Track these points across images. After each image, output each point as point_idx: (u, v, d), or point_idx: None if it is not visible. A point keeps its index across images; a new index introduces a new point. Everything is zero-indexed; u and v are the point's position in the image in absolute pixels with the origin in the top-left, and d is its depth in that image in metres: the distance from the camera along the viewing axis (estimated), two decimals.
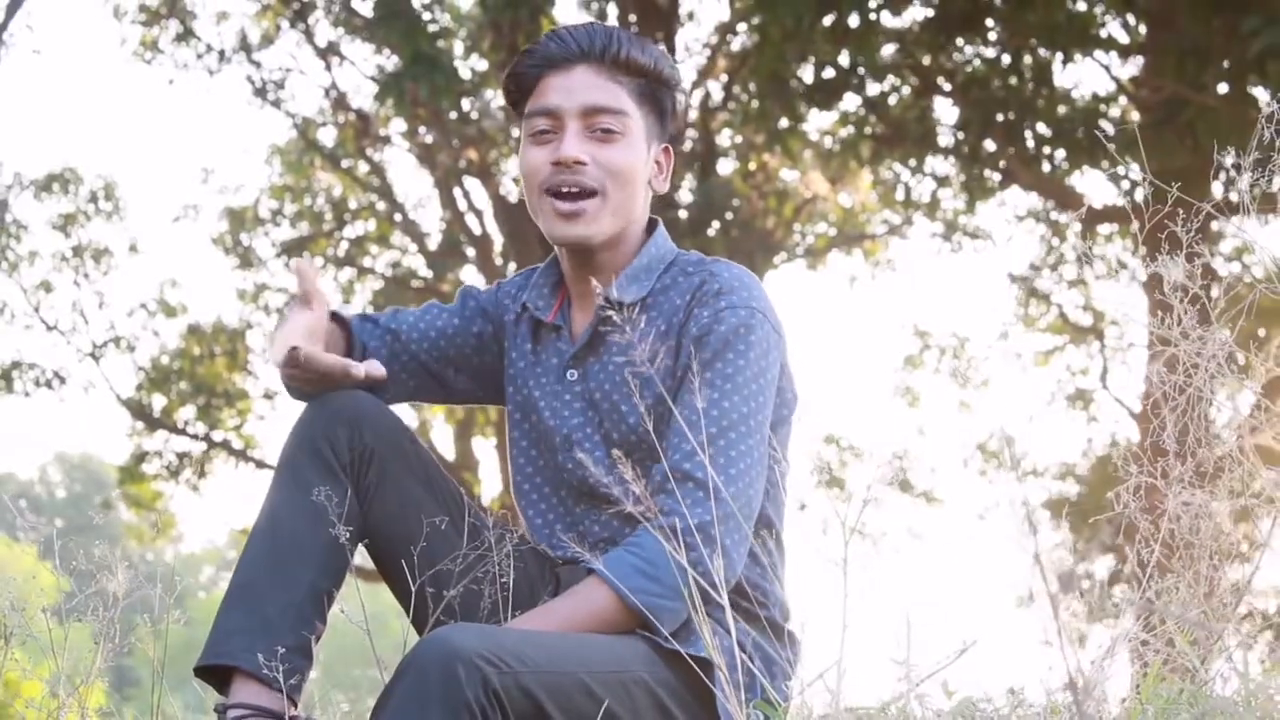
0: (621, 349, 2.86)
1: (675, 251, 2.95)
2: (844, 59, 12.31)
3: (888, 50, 12.50)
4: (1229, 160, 2.65)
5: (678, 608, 2.62)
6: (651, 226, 2.97)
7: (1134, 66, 13.33)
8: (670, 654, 2.66)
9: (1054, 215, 18.36)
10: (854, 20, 11.91)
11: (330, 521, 2.67)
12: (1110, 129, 13.02)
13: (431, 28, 13.74)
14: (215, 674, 2.70)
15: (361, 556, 2.87)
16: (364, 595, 2.87)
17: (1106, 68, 13.26)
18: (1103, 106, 13.48)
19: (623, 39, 2.89)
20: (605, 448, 2.85)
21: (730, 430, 2.71)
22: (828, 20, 11.90)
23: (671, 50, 15.75)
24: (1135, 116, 13.46)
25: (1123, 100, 13.79)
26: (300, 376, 2.84)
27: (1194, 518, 2.62)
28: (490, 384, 3.09)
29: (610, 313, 2.76)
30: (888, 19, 12.28)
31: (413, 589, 2.75)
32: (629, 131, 2.88)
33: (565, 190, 2.86)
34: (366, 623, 2.76)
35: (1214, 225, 14.19)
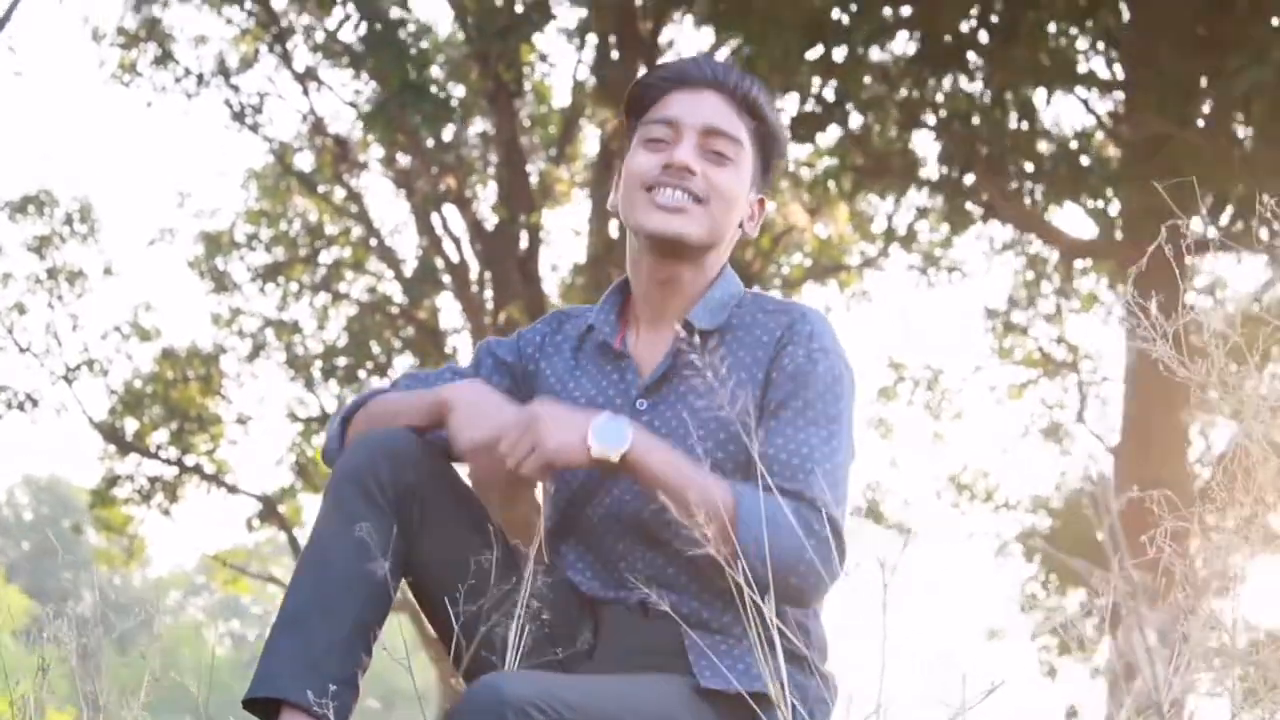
0: (701, 381, 2.83)
1: (744, 290, 2.97)
2: (829, 92, 12.34)
3: (871, 83, 12.53)
4: (1209, 200, 2.65)
5: (748, 554, 2.59)
6: (721, 268, 2.99)
7: (1113, 103, 13.38)
8: (719, 698, 2.66)
9: (1031, 249, 18.43)
10: (840, 53, 11.95)
11: (375, 556, 2.66)
12: (1091, 165, 13.08)
13: (418, 56, 13.73)
14: (263, 706, 2.69)
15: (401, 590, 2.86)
16: (395, 629, 2.86)
17: (1085, 103, 13.31)
18: (1084, 142, 13.53)
19: (754, 83, 2.94)
20: None
21: (835, 470, 2.74)
22: (814, 53, 11.93)
23: None
24: (1115, 152, 13.52)
25: (1100, 136, 13.84)
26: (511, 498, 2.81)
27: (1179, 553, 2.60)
28: None
29: (686, 344, 2.76)
30: (874, 53, 12.32)
31: (455, 627, 2.73)
32: (740, 162, 2.90)
33: (673, 194, 2.87)
34: (408, 658, 2.77)
35: (1188, 260, 14.23)
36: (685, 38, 17.21)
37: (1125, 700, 2.47)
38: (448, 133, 17.14)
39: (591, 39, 16.69)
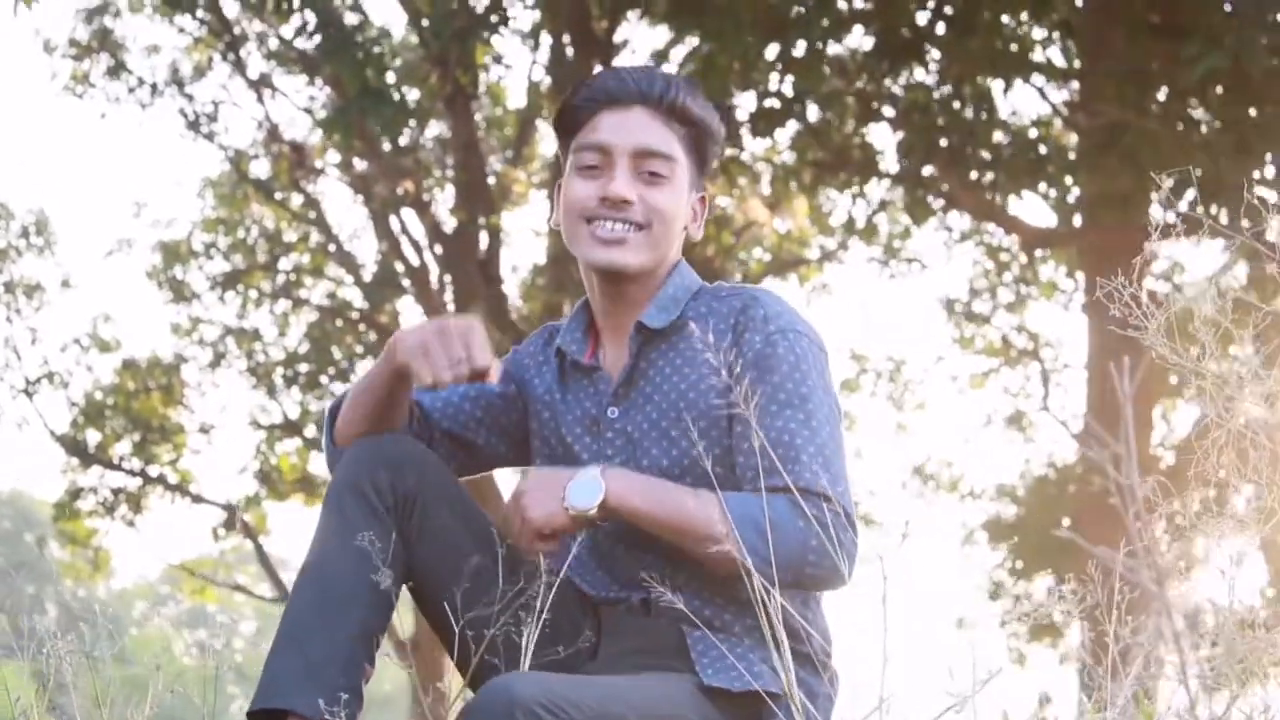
0: (665, 378, 2.89)
1: (700, 283, 3.00)
2: (787, 87, 12.35)
3: (829, 78, 12.55)
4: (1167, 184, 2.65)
5: (750, 572, 2.59)
6: (676, 264, 3.01)
7: (1070, 92, 13.43)
8: (723, 696, 2.68)
9: (990, 239, 18.47)
10: (798, 49, 11.96)
11: (375, 565, 2.68)
12: (1049, 153, 13.13)
13: (376, 60, 13.67)
14: (267, 717, 2.69)
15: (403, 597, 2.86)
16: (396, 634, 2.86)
17: (1041, 90, 13.35)
18: (1041, 131, 13.58)
19: (680, 87, 2.95)
20: None
21: (822, 448, 2.75)
22: (772, 49, 11.95)
23: None
24: (1073, 140, 13.56)
25: (1059, 125, 13.89)
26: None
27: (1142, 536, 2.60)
28: (518, 443, 3.09)
29: (638, 346, 2.86)
30: (831, 47, 12.34)
31: (456, 630, 2.75)
32: (675, 177, 2.93)
33: (612, 226, 2.90)
34: (412, 667, 2.81)
35: (1147, 246, 14.28)
36: (641, 36, 17.22)
37: (1103, 683, 2.48)
38: (405, 137, 17.09)
39: (546, 39, 16.66)
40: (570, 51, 16.18)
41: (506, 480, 17.50)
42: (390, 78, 14.34)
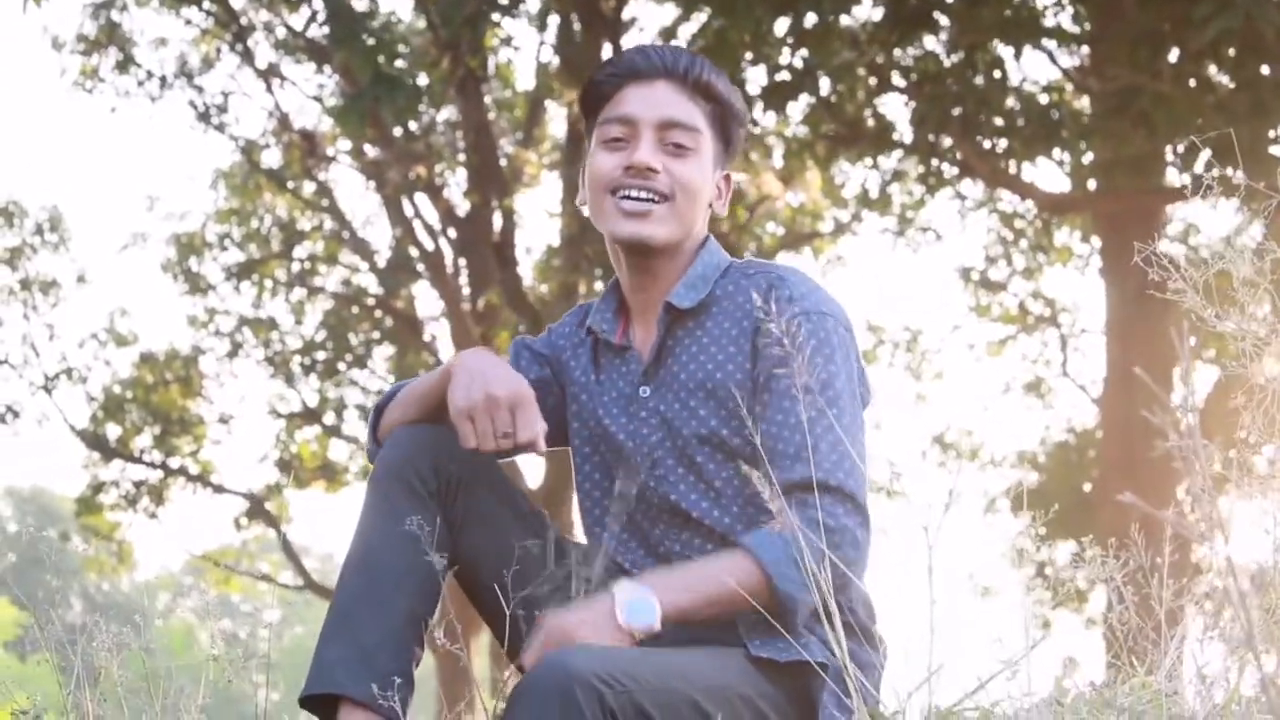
0: (691, 356, 2.89)
1: (729, 259, 2.99)
2: (798, 60, 12.31)
3: (840, 50, 12.50)
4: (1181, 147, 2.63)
5: (810, 602, 2.61)
6: (704, 240, 3.01)
7: (1081, 57, 13.37)
8: (772, 668, 2.69)
9: (1004, 206, 18.43)
10: (809, 21, 11.91)
11: (423, 549, 2.68)
12: (1062, 119, 13.06)
13: (387, 46, 13.66)
14: (321, 703, 2.72)
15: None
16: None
17: (1052, 56, 13.29)
18: (1053, 96, 13.52)
19: (704, 65, 2.95)
20: (684, 465, 2.87)
21: (838, 441, 2.75)
22: (783, 22, 11.90)
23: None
24: (1086, 105, 13.50)
25: (1071, 90, 13.83)
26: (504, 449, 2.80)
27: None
28: (555, 426, 3.07)
29: (667, 326, 2.87)
30: (842, 19, 12.29)
31: (507, 613, 2.77)
32: (700, 150, 2.93)
33: (634, 195, 2.89)
34: (464, 649, 2.80)
35: (1166, 208, 14.25)
36: (649, 14, 17.18)
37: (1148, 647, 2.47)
38: (416, 122, 17.08)
39: (554, 19, 16.62)
40: (578, 31, 16.15)
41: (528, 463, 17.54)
42: (400, 64, 14.32)
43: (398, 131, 16.81)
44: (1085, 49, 13.08)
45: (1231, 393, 2.69)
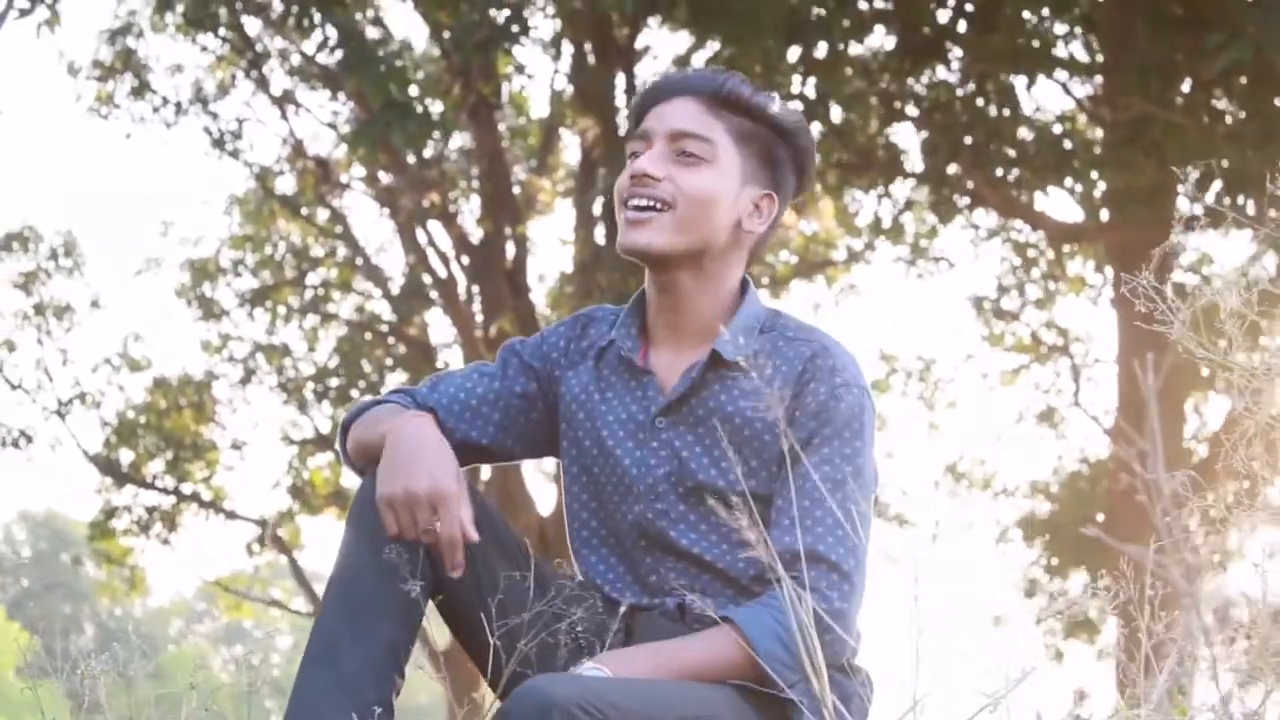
0: (721, 405, 2.85)
1: (766, 310, 2.94)
2: (810, 89, 12.35)
3: (851, 78, 12.54)
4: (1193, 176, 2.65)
5: (798, 681, 2.62)
6: (744, 286, 2.96)
7: (1093, 86, 13.40)
8: (756, 698, 2.67)
9: (1016, 235, 18.43)
10: (820, 50, 11.95)
11: (404, 577, 2.67)
12: (1074, 148, 13.09)
13: (399, 74, 13.70)
14: None
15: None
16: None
17: (1065, 85, 13.32)
18: (1066, 126, 13.55)
19: (734, 80, 2.91)
20: (686, 502, 2.84)
21: (855, 512, 2.74)
22: (794, 51, 11.95)
23: (632, 86, 15.73)
24: (1098, 135, 13.53)
25: (1083, 119, 13.86)
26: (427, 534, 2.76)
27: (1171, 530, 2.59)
28: (536, 443, 3.05)
29: (714, 375, 2.84)
30: (853, 48, 12.33)
31: (492, 641, 2.74)
32: (716, 160, 2.87)
33: (636, 204, 2.86)
34: (445, 678, 2.80)
35: (1174, 238, 14.25)
36: (662, 42, 17.22)
37: (1137, 678, 2.47)
38: (429, 149, 17.12)
39: (568, 47, 16.66)
40: (592, 59, 16.19)
41: (536, 483, 17.54)
42: (413, 90, 14.37)
43: (411, 159, 16.85)
44: (1098, 78, 13.11)
45: (1239, 425, 2.70)
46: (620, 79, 15.99)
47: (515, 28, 13.74)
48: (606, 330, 3.00)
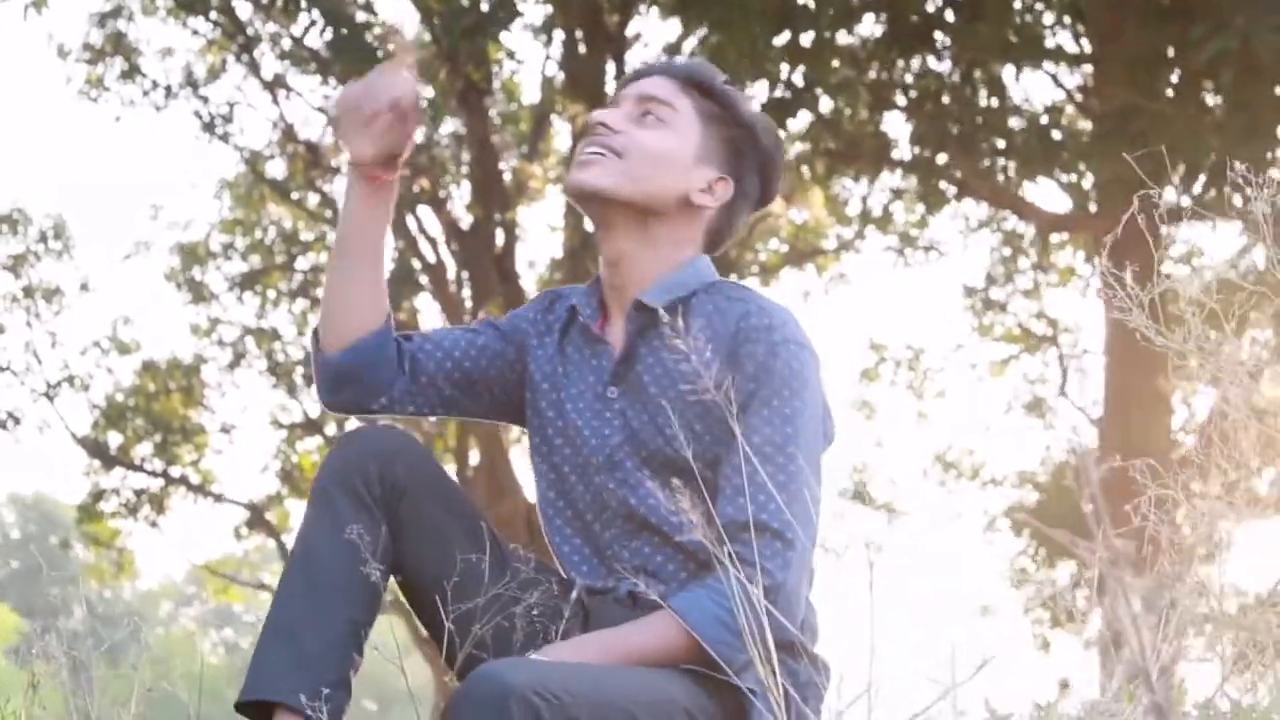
0: (661, 363, 2.85)
1: (716, 278, 2.95)
2: (798, 77, 12.35)
3: (839, 67, 12.55)
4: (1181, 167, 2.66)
5: (746, 661, 2.61)
6: (696, 256, 2.97)
7: (1082, 76, 13.41)
8: (710, 683, 2.67)
9: (1006, 225, 18.46)
10: (808, 38, 11.96)
11: (364, 558, 2.68)
12: (1063, 139, 13.11)
13: (386, 59, 13.69)
14: (257, 710, 2.70)
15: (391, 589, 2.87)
16: (387, 629, 2.86)
17: (1054, 76, 13.34)
18: (1054, 116, 13.57)
19: (708, 70, 2.99)
20: (645, 470, 2.84)
21: (799, 474, 2.72)
22: (782, 39, 11.95)
23: (622, 73, 15.73)
24: (1085, 125, 13.54)
25: (1070, 110, 13.88)
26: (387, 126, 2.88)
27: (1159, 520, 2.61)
28: (500, 403, 3.06)
29: (637, 323, 2.84)
30: (841, 36, 12.33)
31: (446, 623, 2.73)
32: (674, 124, 2.92)
33: (589, 150, 2.90)
34: (400, 659, 2.77)
35: (1163, 230, 14.27)
36: (653, 29, 17.23)
37: (1115, 669, 2.49)
38: (419, 134, 17.10)
39: (558, 34, 16.67)
40: (582, 46, 16.19)
41: (523, 470, 17.54)
42: None
43: None
44: (1087, 68, 13.13)
45: (1222, 417, 2.71)
46: (611, 66, 15.99)
47: (503, 13, 13.74)
48: (571, 303, 3.01)
